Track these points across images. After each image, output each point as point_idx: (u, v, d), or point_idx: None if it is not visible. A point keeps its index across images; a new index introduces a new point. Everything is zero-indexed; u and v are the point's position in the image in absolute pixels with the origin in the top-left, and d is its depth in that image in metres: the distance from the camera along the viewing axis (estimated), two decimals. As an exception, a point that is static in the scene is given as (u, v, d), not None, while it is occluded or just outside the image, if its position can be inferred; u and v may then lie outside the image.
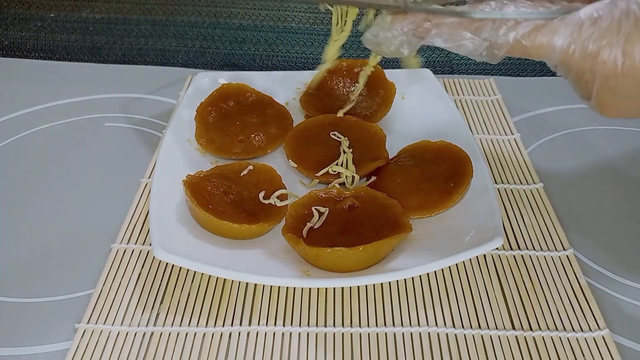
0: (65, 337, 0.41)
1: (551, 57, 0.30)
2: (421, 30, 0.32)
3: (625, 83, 0.28)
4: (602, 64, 0.28)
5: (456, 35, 0.30)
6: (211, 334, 0.40)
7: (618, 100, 0.29)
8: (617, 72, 0.28)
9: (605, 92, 0.29)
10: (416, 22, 0.32)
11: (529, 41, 0.29)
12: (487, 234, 0.43)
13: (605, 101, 0.29)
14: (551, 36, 0.29)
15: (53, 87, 0.67)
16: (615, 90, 0.29)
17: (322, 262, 0.42)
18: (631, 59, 0.27)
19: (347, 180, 0.50)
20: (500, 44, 0.30)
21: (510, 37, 0.30)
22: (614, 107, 0.30)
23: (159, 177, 0.48)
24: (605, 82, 0.28)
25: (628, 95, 0.29)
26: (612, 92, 0.29)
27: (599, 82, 0.29)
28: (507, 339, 0.40)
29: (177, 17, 0.81)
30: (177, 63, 0.75)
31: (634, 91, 0.28)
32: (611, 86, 0.28)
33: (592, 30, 0.28)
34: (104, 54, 0.77)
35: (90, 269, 0.45)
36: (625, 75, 0.28)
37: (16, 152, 0.58)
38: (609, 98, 0.29)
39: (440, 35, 0.31)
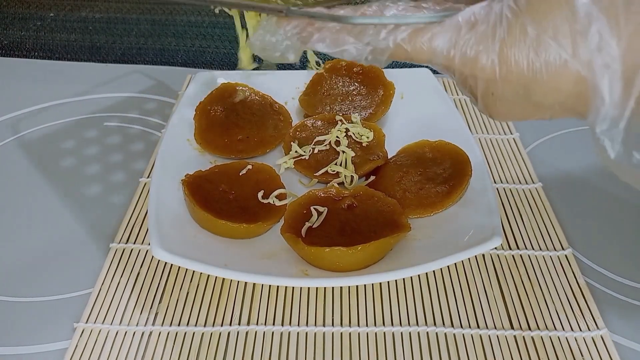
0: (63, 336, 0.41)
1: (434, 62, 0.29)
2: (304, 34, 0.31)
3: (505, 88, 0.28)
4: (482, 70, 0.28)
5: (338, 40, 0.30)
6: (210, 334, 0.40)
7: (502, 105, 0.29)
8: (496, 78, 0.27)
9: (489, 97, 0.29)
10: (300, 26, 0.31)
11: (410, 45, 0.29)
12: (486, 233, 0.43)
13: (490, 106, 0.29)
14: (431, 40, 0.28)
15: (52, 87, 0.67)
16: (497, 95, 0.28)
17: (321, 262, 0.42)
18: (508, 65, 0.27)
19: (346, 179, 0.50)
20: (382, 48, 0.29)
21: (390, 42, 0.29)
22: (499, 111, 0.29)
23: (158, 177, 0.48)
24: (487, 87, 0.28)
25: (510, 100, 0.28)
26: (495, 98, 0.28)
27: (482, 88, 0.28)
28: (506, 339, 0.40)
29: (177, 17, 0.81)
30: (176, 62, 0.75)
31: (515, 96, 0.28)
32: (493, 91, 0.28)
33: (469, 36, 0.27)
34: (103, 53, 0.77)
35: (89, 268, 0.45)
36: (504, 80, 0.27)
37: (16, 152, 0.58)
38: (493, 103, 0.29)
39: (323, 40, 0.31)
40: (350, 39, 0.30)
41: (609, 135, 0.27)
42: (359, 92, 0.60)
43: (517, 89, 0.27)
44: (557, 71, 0.26)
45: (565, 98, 0.27)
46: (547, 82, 0.27)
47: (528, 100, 0.28)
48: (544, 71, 0.26)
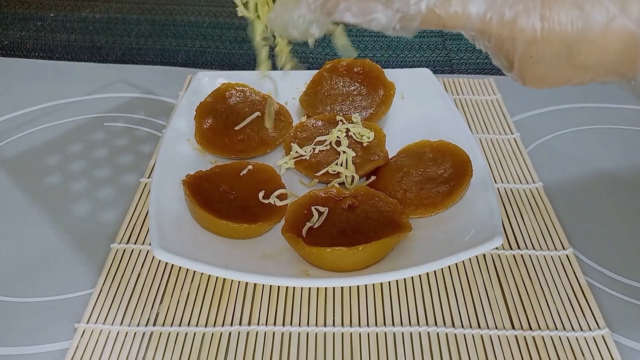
0: (64, 336, 0.41)
1: (468, 27, 0.28)
2: (329, 5, 0.29)
3: (546, 50, 0.27)
4: (521, 31, 0.27)
5: (366, 8, 0.28)
6: (211, 334, 0.40)
7: (540, 68, 0.28)
8: (537, 39, 0.27)
9: (527, 61, 0.28)
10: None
11: (443, 10, 0.27)
12: (486, 233, 0.43)
13: (527, 70, 0.28)
14: (466, 3, 0.27)
15: (53, 87, 0.67)
16: (537, 58, 0.27)
17: (322, 262, 0.42)
18: (550, 24, 0.26)
19: (346, 179, 0.50)
20: (413, 14, 0.28)
21: (423, 6, 0.27)
22: (537, 76, 0.28)
23: (159, 177, 0.48)
24: (526, 50, 0.27)
25: (550, 63, 0.27)
26: (534, 60, 0.27)
27: (520, 51, 0.27)
28: (507, 339, 0.40)
29: (177, 17, 0.81)
30: (176, 63, 0.75)
31: (555, 58, 0.27)
32: (532, 54, 0.27)
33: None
34: (103, 53, 0.77)
35: (90, 268, 0.45)
36: (545, 41, 0.26)
37: (16, 152, 0.58)
38: (531, 66, 0.28)
39: (349, 9, 0.29)
40: (379, 6, 0.28)
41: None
42: (360, 92, 0.60)
43: (560, 50, 0.27)
44: (604, 28, 0.25)
45: (611, 57, 0.26)
46: (593, 41, 0.26)
47: (570, 61, 0.27)
48: (590, 29, 0.25)
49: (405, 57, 0.75)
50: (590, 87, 0.66)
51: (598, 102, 0.64)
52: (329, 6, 0.29)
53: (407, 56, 0.75)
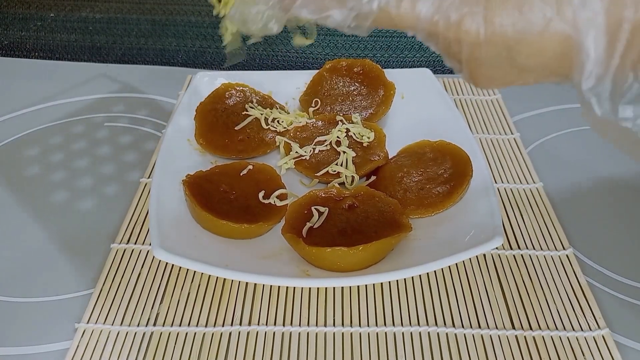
0: (65, 336, 0.41)
1: (418, 28, 0.28)
2: (286, 1, 0.30)
3: (489, 51, 0.27)
4: (466, 33, 0.27)
5: (322, 6, 0.29)
6: (211, 334, 0.40)
7: (485, 69, 0.28)
8: (480, 41, 0.27)
9: (473, 62, 0.28)
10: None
11: (394, 9, 0.28)
12: (486, 233, 0.43)
13: (474, 71, 0.29)
14: (414, 4, 0.28)
15: (53, 87, 0.67)
16: (481, 59, 0.28)
17: (322, 262, 0.42)
18: (492, 26, 0.26)
19: (346, 179, 0.50)
20: (365, 13, 0.28)
21: (374, 5, 0.28)
22: (484, 76, 0.29)
23: (159, 177, 0.48)
24: (472, 52, 0.28)
25: (493, 64, 0.28)
26: (479, 62, 0.28)
27: (466, 52, 0.28)
28: (507, 339, 0.40)
29: (177, 17, 0.81)
30: (176, 63, 0.75)
31: (498, 60, 0.28)
32: (477, 56, 0.28)
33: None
34: (103, 53, 0.77)
35: (90, 268, 0.45)
36: (487, 43, 0.27)
37: (16, 152, 0.58)
38: (477, 68, 0.28)
39: (306, 5, 0.29)
40: (333, 3, 0.29)
41: (595, 92, 0.26)
42: (360, 92, 0.60)
43: (501, 51, 0.27)
44: (541, 31, 0.26)
45: (550, 59, 0.27)
46: (532, 43, 0.26)
47: (512, 63, 0.28)
48: (528, 31, 0.26)
49: (405, 57, 0.75)
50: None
51: (598, 102, 0.64)
52: (286, 2, 0.30)
53: (407, 56, 0.75)
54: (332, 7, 0.29)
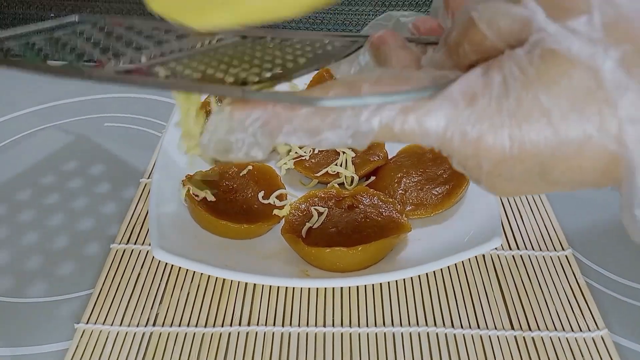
0: (64, 337, 0.41)
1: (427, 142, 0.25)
2: (271, 127, 0.25)
3: (516, 168, 0.24)
4: (487, 150, 0.23)
5: (314, 129, 0.24)
6: (210, 334, 0.40)
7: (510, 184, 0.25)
8: (505, 158, 0.24)
9: (496, 178, 0.25)
10: (262, 117, 0.25)
11: (398, 126, 0.24)
12: (486, 234, 0.43)
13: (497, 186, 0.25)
14: (422, 119, 0.24)
15: (53, 88, 0.67)
16: (506, 175, 0.24)
17: (321, 262, 0.42)
18: (520, 144, 0.23)
19: (346, 180, 0.50)
20: (364, 132, 0.24)
21: (375, 124, 0.24)
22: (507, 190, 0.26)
23: (159, 177, 0.48)
24: (494, 168, 0.24)
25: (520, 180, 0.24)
26: (503, 178, 0.25)
27: (487, 169, 0.24)
28: (506, 339, 0.40)
29: (177, 17, 0.81)
30: (176, 63, 0.75)
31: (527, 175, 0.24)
32: (501, 172, 0.24)
33: (469, 112, 0.23)
34: (103, 53, 0.77)
35: (90, 269, 0.45)
36: (516, 160, 0.23)
37: (16, 152, 0.58)
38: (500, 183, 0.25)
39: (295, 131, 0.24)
40: (326, 124, 0.24)
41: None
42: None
43: (532, 167, 0.24)
44: (580, 147, 0.22)
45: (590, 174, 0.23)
46: (568, 160, 0.23)
47: (543, 178, 0.24)
48: (564, 148, 0.23)
49: (405, 58, 0.75)
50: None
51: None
52: (270, 128, 0.25)
53: (406, 56, 0.75)
54: (325, 129, 0.24)
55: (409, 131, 0.24)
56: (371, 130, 0.24)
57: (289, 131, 0.25)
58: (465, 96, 0.23)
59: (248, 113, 0.24)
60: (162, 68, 0.26)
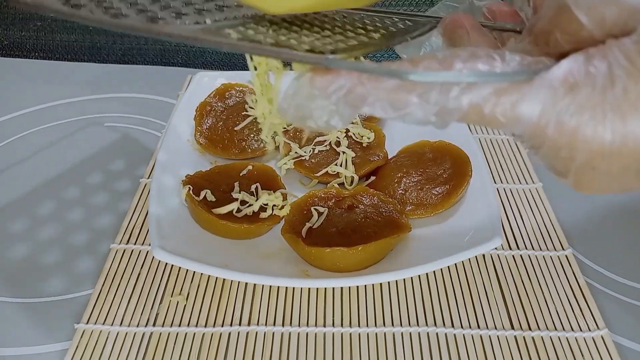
0: (64, 337, 0.41)
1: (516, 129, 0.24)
2: (354, 97, 0.24)
3: (614, 163, 0.23)
4: (585, 142, 0.23)
5: (399, 101, 0.23)
6: (210, 334, 0.40)
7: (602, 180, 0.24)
8: (604, 152, 0.23)
9: (587, 172, 0.24)
10: (346, 86, 0.24)
11: (489, 108, 0.23)
12: (486, 233, 0.43)
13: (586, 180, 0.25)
14: (517, 104, 0.23)
15: (53, 87, 0.67)
16: (601, 170, 0.24)
17: (321, 262, 0.42)
18: (624, 137, 0.22)
19: (346, 180, 0.50)
20: (451, 109, 0.23)
21: (464, 103, 0.23)
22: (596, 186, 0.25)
23: (159, 177, 0.48)
24: (589, 161, 0.23)
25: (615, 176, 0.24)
26: (596, 172, 0.24)
27: (580, 161, 0.24)
28: (506, 339, 0.40)
29: (177, 17, 0.81)
30: (176, 63, 0.75)
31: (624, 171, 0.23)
32: (595, 166, 0.24)
33: (568, 100, 0.22)
34: (103, 53, 0.77)
35: (90, 269, 0.45)
36: (613, 154, 0.23)
37: (16, 152, 0.58)
38: (591, 177, 0.24)
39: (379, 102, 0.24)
40: (413, 98, 0.23)
41: None
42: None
43: (631, 164, 0.23)
44: None
45: None
46: None
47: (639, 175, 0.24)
48: None
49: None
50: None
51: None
52: (353, 97, 0.24)
53: (406, 56, 0.75)
54: (412, 103, 0.24)
55: (500, 114, 0.23)
56: (459, 109, 0.23)
57: (373, 102, 0.24)
58: (565, 84, 0.22)
59: (331, 80, 0.24)
60: (233, 31, 0.25)
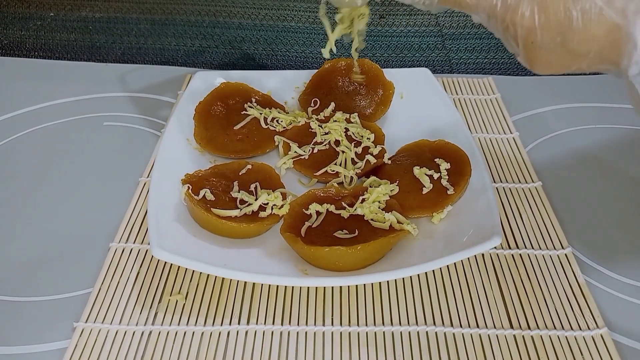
0: (63, 336, 0.41)
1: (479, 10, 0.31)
2: None
3: (544, 36, 0.29)
4: (522, 17, 0.29)
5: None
6: (209, 333, 0.40)
7: (542, 54, 0.30)
8: (535, 26, 0.29)
9: (529, 46, 0.30)
10: None
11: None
12: (485, 233, 0.43)
13: (531, 55, 0.31)
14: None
15: (52, 86, 0.67)
16: (537, 43, 0.30)
17: (321, 261, 0.42)
18: (546, 13, 0.29)
19: (345, 179, 0.50)
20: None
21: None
22: (541, 61, 0.31)
23: (158, 176, 0.48)
24: (527, 35, 0.30)
25: (549, 49, 0.30)
26: (535, 46, 0.30)
27: (522, 36, 0.30)
28: (506, 338, 0.40)
29: (177, 17, 0.81)
30: (176, 62, 0.75)
31: (552, 44, 0.29)
32: (533, 40, 0.30)
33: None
34: (103, 53, 0.77)
35: (89, 267, 0.45)
36: (542, 28, 0.29)
37: (15, 151, 0.58)
38: (534, 52, 0.30)
39: None
40: None
41: None
42: (359, 92, 0.60)
43: (555, 37, 0.29)
44: (592, 19, 0.28)
45: (600, 46, 0.29)
46: (583, 31, 0.28)
47: (565, 48, 0.29)
48: (580, 19, 0.28)
49: (404, 57, 0.75)
50: (589, 86, 0.66)
51: (597, 101, 0.64)
52: None
53: (406, 56, 0.75)
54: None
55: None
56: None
57: None
58: None
59: None
60: None
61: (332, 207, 0.46)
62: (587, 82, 0.67)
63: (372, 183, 0.49)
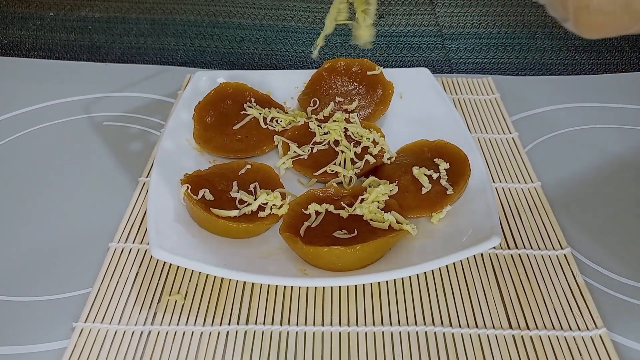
0: (62, 335, 0.41)
1: None
2: None
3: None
4: None
5: None
6: (208, 333, 0.40)
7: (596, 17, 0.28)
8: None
9: (583, 10, 0.28)
10: None
11: None
12: (484, 233, 0.43)
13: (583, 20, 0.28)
14: None
15: (52, 86, 0.67)
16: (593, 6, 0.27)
17: (320, 261, 0.42)
18: None
19: (344, 179, 0.50)
20: None
21: None
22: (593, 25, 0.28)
23: (157, 176, 0.48)
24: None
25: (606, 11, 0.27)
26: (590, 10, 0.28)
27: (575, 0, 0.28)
28: (505, 338, 0.40)
29: (176, 16, 0.81)
30: (175, 62, 0.75)
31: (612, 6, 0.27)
32: (588, 3, 0.27)
33: None
34: (102, 53, 0.77)
35: (88, 267, 0.45)
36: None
37: (15, 151, 0.58)
38: (587, 16, 0.28)
39: None
40: None
41: None
42: (358, 92, 0.60)
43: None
44: None
45: None
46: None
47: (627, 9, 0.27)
48: None
49: (404, 57, 0.75)
50: (588, 86, 0.66)
51: (597, 101, 0.64)
52: None
53: (405, 56, 0.75)
54: None
55: None
56: None
57: None
58: None
59: None
60: None
61: (331, 207, 0.46)
62: (587, 82, 0.67)
63: (371, 183, 0.49)
